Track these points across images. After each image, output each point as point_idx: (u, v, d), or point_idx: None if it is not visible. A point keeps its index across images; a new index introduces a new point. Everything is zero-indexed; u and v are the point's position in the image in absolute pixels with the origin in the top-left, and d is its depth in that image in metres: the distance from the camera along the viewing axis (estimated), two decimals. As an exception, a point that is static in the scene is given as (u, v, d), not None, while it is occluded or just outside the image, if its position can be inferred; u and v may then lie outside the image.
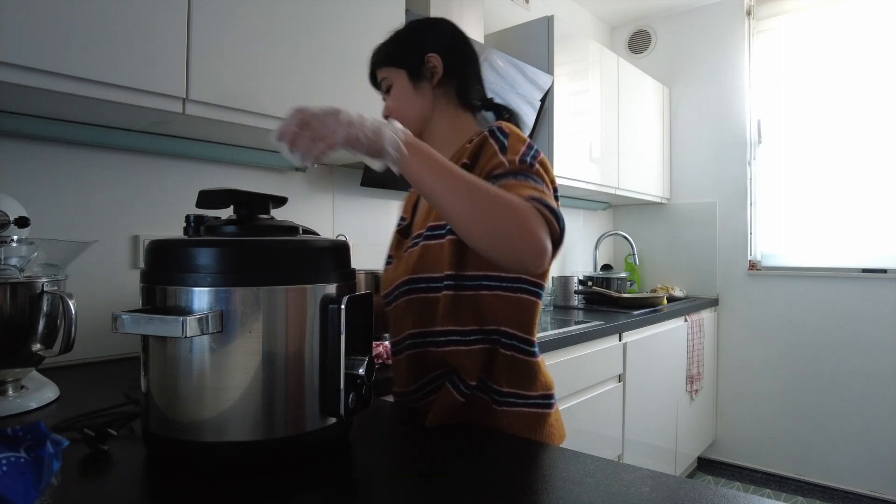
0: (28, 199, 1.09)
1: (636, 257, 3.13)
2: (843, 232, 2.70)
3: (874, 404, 2.57)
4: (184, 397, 0.64)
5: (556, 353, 1.67)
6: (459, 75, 0.97)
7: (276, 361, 0.65)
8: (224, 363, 0.63)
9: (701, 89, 3.10)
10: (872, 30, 2.63)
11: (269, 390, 0.64)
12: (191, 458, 0.64)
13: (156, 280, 0.66)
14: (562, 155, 2.28)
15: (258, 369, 0.64)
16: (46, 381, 0.96)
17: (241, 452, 0.63)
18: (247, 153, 1.53)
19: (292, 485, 0.61)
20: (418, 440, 0.80)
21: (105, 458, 0.67)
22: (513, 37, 2.32)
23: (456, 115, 0.98)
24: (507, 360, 0.87)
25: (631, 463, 2.01)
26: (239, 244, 0.66)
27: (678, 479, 0.63)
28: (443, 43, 0.96)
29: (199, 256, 0.64)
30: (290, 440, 0.65)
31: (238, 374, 0.63)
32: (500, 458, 0.74)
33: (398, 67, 0.96)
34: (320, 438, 0.68)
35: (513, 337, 0.87)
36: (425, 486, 0.63)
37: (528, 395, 0.88)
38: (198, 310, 0.62)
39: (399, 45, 0.98)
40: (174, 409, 0.64)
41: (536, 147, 0.86)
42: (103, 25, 0.98)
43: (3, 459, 0.49)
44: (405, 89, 0.96)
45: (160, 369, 0.65)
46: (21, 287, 0.86)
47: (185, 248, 0.65)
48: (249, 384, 0.64)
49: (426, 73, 0.95)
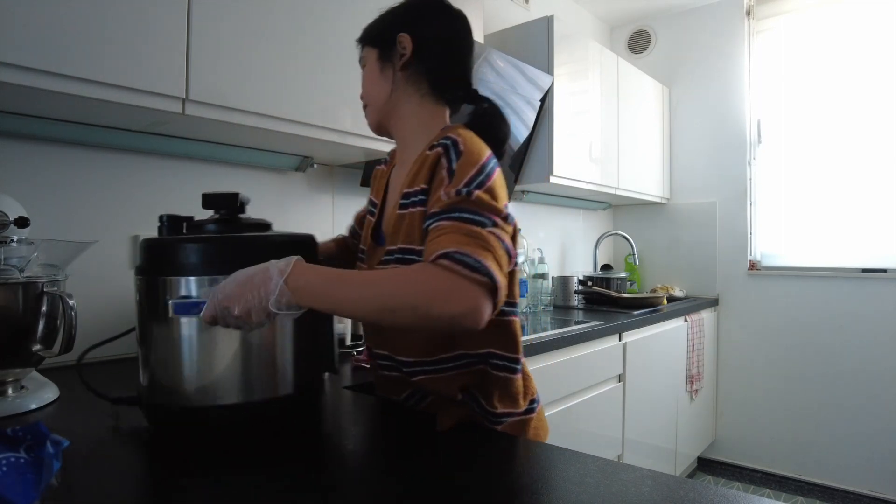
0: (28, 199, 1.09)
1: (636, 257, 3.13)
2: (843, 232, 2.70)
3: (874, 404, 2.57)
4: (179, 370, 0.76)
5: (556, 353, 1.67)
6: (432, 60, 0.88)
7: (252, 338, 0.77)
8: (211, 341, 0.75)
9: (701, 89, 3.10)
10: (872, 30, 2.63)
11: (246, 362, 0.77)
12: (186, 420, 0.76)
13: (152, 272, 0.77)
14: (562, 155, 2.28)
15: (238, 346, 0.76)
16: (46, 382, 0.96)
17: (226, 413, 0.76)
18: (246, 153, 1.53)
19: (272, 444, 0.73)
20: (415, 439, 0.80)
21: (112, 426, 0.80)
22: (513, 37, 2.31)
23: (422, 106, 0.89)
24: (500, 381, 0.86)
25: (631, 463, 2.01)
26: (226, 240, 0.79)
27: (678, 479, 0.63)
28: (422, 23, 0.88)
29: (192, 252, 0.76)
30: (266, 403, 0.78)
31: (222, 350, 0.76)
32: (500, 457, 0.74)
33: (372, 46, 0.91)
34: (290, 402, 0.80)
35: (502, 358, 0.86)
36: (424, 486, 0.63)
37: (517, 410, 0.88)
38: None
39: (379, 22, 0.92)
40: (172, 381, 0.76)
41: (491, 164, 0.78)
42: (103, 25, 0.98)
43: (3, 459, 0.49)
44: (372, 70, 0.91)
45: (159, 348, 0.78)
46: (21, 287, 0.86)
47: (180, 244, 0.77)
48: (231, 358, 0.76)
49: (395, 54, 0.88)
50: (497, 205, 0.74)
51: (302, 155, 1.65)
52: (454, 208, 0.73)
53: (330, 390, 1.09)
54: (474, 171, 0.76)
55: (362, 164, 1.78)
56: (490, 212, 0.73)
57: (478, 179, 0.75)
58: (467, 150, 0.78)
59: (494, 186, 0.76)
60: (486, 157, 0.79)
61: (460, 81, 0.91)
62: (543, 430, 0.93)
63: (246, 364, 0.77)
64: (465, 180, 0.75)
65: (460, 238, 0.69)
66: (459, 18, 0.92)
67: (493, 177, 0.77)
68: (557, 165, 2.25)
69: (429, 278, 0.68)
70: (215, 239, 0.80)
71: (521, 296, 2.27)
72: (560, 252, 2.99)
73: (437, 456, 0.74)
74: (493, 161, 0.80)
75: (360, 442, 0.83)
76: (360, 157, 1.69)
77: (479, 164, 0.77)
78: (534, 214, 2.77)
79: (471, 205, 0.73)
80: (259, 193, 1.62)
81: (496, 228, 0.72)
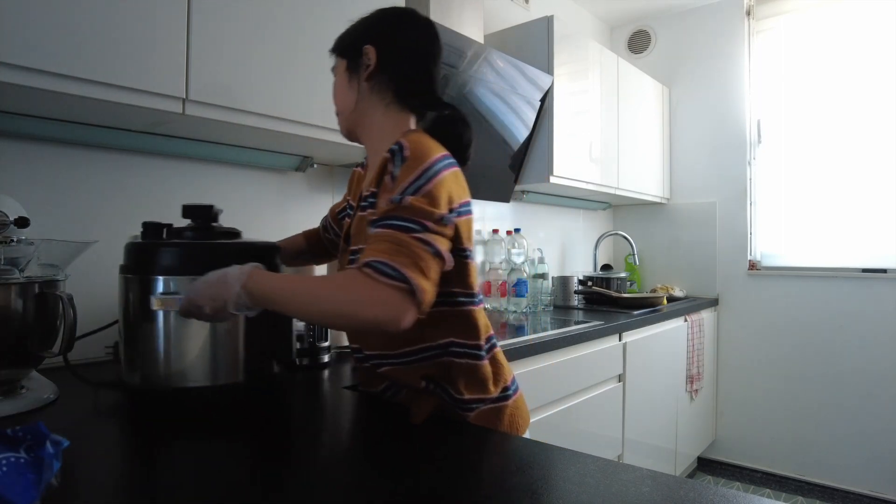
0: (28, 199, 1.09)
1: (636, 257, 3.13)
2: (843, 232, 2.70)
3: (874, 404, 2.57)
4: (157, 357, 0.88)
5: (556, 353, 1.67)
6: (397, 71, 0.91)
7: (219, 329, 0.88)
8: (184, 331, 0.87)
9: (701, 89, 3.10)
10: (872, 30, 2.63)
11: (214, 350, 0.89)
12: (163, 400, 0.89)
13: (138, 272, 0.90)
14: (562, 155, 2.28)
15: (207, 336, 0.88)
16: (46, 382, 0.96)
17: (196, 394, 0.88)
18: (246, 153, 1.53)
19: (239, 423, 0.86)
20: (412, 438, 0.80)
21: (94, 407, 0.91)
22: (513, 37, 2.32)
23: (387, 115, 0.92)
24: (464, 368, 0.87)
25: (631, 463, 2.01)
26: (200, 246, 0.92)
27: (678, 479, 0.63)
28: (386, 34, 0.91)
29: (168, 254, 0.89)
30: (230, 386, 0.90)
31: (194, 339, 0.88)
32: (500, 457, 0.74)
33: (341, 56, 0.95)
34: (251, 385, 0.93)
35: (462, 346, 0.87)
36: (422, 485, 0.63)
37: (488, 397, 0.89)
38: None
39: (348, 33, 0.96)
40: (150, 366, 0.89)
41: (437, 167, 0.79)
42: (103, 26, 0.98)
43: (3, 459, 0.49)
44: (340, 80, 0.95)
45: (139, 337, 0.90)
46: (21, 287, 0.86)
47: (161, 248, 0.90)
48: (201, 346, 0.88)
49: (361, 65, 0.91)
50: (430, 209, 0.76)
51: (302, 155, 1.65)
52: (387, 216, 0.77)
53: (330, 390, 1.09)
54: (413, 176, 0.78)
55: (362, 164, 1.78)
56: (422, 217, 0.76)
57: (415, 185, 0.77)
58: (411, 155, 0.80)
59: (434, 189, 0.78)
60: (431, 161, 0.80)
61: (424, 91, 0.93)
62: (522, 418, 0.93)
63: (211, 352, 0.89)
64: (401, 187, 0.78)
65: (386, 246, 0.74)
66: (425, 28, 0.94)
67: (434, 179, 0.78)
68: (557, 165, 2.25)
69: (353, 286, 0.74)
70: (188, 244, 0.93)
71: (520, 295, 2.28)
72: (560, 252, 2.99)
73: (431, 454, 0.74)
74: (440, 163, 0.80)
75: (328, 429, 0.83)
76: (360, 158, 1.69)
77: (420, 168, 0.78)
78: (534, 214, 2.77)
79: (403, 211, 0.76)
80: (259, 193, 1.62)
81: (426, 233, 0.75)
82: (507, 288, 2.31)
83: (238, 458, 0.74)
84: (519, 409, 0.93)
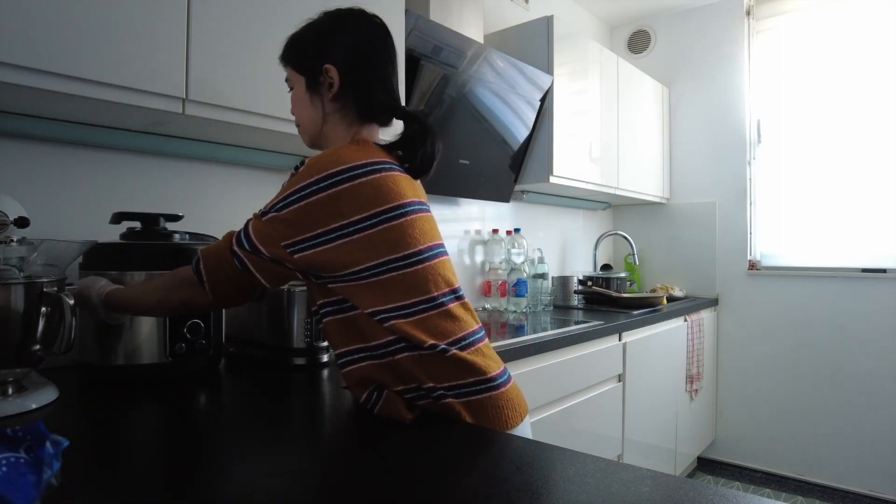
0: (28, 199, 1.09)
1: (636, 257, 3.13)
2: (843, 232, 2.70)
3: (874, 404, 2.57)
4: (116, 337, 1.06)
5: (555, 353, 1.67)
6: (360, 89, 0.92)
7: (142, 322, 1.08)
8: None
9: (700, 89, 3.11)
10: (872, 30, 2.63)
11: (161, 333, 1.08)
12: (114, 376, 1.07)
13: (98, 268, 1.07)
14: (561, 155, 2.28)
15: (153, 320, 1.07)
16: (46, 382, 0.96)
17: (144, 371, 1.07)
18: (246, 153, 1.53)
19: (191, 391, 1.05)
20: (411, 437, 0.80)
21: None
22: (512, 37, 2.32)
23: (349, 130, 0.93)
24: (418, 359, 0.84)
25: (631, 463, 2.01)
26: (138, 246, 1.12)
27: (678, 479, 0.63)
28: (345, 52, 0.91)
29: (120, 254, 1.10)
30: (169, 365, 1.09)
31: (145, 322, 1.07)
32: (500, 457, 0.74)
33: (298, 73, 0.95)
34: (188, 365, 1.12)
35: (409, 340, 0.83)
36: (422, 485, 0.63)
37: (461, 383, 0.85)
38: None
39: (302, 47, 0.94)
40: (109, 345, 1.06)
41: (314, 187, 0.80)
42: (103, 26, 0.98)
43: (3, 459, 0.49)
44: (301, 96, 0.95)
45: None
46: (21, 287, 0.86)
47: (116, 248, 1.11)
48: (149, 329, 1.07)
49: (323, 84, 0.91)
50: (266, 238, 0.82)
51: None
52: (245, 224, 0.86)
53: (330, 390, 1.09)
54: (286, 193, 0.82)
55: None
56: (258, 240, 0.83)
57: (278, 210, 0.82)
58: (303, 171, 0.83)
59: (298, 212, 0.81)
60: (315, 178, 0.81)
61: (391, 105, 0.94)
62: (517, 411, 0.89)
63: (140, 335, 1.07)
64: (270, 203, 0.84)
65: (213, 248, 0.88)
66: (381, 30, 0.95)
67: (308, 199, 0.80)
68: (557, 165, 2.25)
69: (173, 277, 0.93)
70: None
71: (520, 295, 2.28)
72: (560, 252, 2.99)
73: (430, 453, 0.74)
74: (327, 181, 0.80)
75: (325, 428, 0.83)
76: (359, 157, 1.69)
77: (298, 185, 0.82)
78: (534, 214, 2.77)
79: (250, 226, 0.84)
80: (259, 193, 1.62)
81: (244, 252, 0.83)
82: (507, 288, 2.31)
83: (239, 457, 0.74)
84: (511, 401, 0.89)
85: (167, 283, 0.93)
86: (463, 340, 0.87)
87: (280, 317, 1.24)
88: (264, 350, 1.29)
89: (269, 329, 1.27)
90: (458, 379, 0.84)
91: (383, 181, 0.84)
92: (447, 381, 0.84)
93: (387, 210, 0.83)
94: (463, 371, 0.85)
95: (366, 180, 0.82)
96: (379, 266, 0.83)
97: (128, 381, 1.06)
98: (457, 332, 0.87)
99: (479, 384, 0.86)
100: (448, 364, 0.84)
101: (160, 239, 1.15)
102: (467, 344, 0.88)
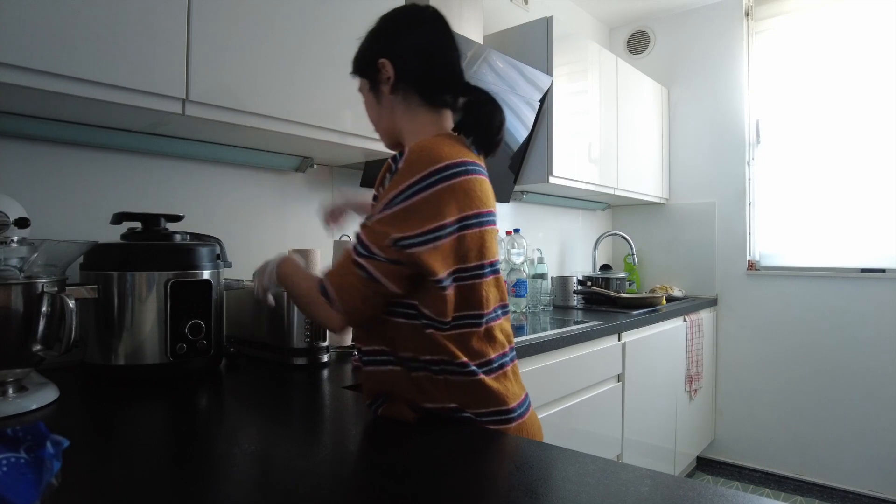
0: (28, 200, 1.09)
1: (635, 257, 3.13)
2: (842, 232, 2.70)
3: (873, 404, 2.57)
4: (117, 337, 1.06)
5: (555, 353, 1.67)
6: (416, 74, 0.90)
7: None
8: (140, 315, 1.07)
9: (700, 90, 3.11)
10: (871, 30, 2.63)
11: (163, 334, 1.08)
12: (115, 376, 1.07)
13: (98, 269, 1.08)
14: (561, 155, 2.28)
15: (154, 320, 1.08)
16: (46, 382, 0.96)
17: (145, 371, 1.07)
18: (246, 153, 1.53)
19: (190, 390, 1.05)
20: (411, 437, 0.80)
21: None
22: (512, 37, 2.32)
23: (416, 118, 0.92)
24: (444, 374, 0.84)
25: (630, 462, 2.01)
26: (139, 247, 1.11)
27: (677, 479, 0.63)
28: (396, 42, 0.92)
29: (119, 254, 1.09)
30: (170, 365, 1.09)
31: (147, 323, 1.07)
32: (500, 457, 0.74)
33: (362, 77, 0.96)
34: (189, 365, 1.12)
35: (443, 353, 0.83)
36: (422, 485, 0.63)
37: (481, 412, 0.85)
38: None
39: (361, 51, 0.96)
40: (110, 345, 1.07)
41: (421, 184, 0.79)
42: (103, 26, 0.98)
43: (3, 460, 0.49)
44: (369, 100, 0.97)
45: (101, 320, 1.07)
46: (21, 288, 0.86)
47: (117, 248, 1.10)
48: (150, 329, 1.07)
49: (382, 80, 0.91)
50: (378, 237, 0.80)
51: (302, 155, 1.65)
52: (357, 237, 0.83)
53: (330, 390, 1.09)
54: (391, 195, 0.81)
55: (362, 164, 1.78)
56: (372, 242, 0.80)
57: (384, 210, 0.81)
58: (400, 171, 0.82)
59: (404, 210, 0.79)
60: (417, 177, 0.79)
61: (448, 83, 0.93)
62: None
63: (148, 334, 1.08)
64: (381, 203, 0.82)
65: (337, 267, 0.84)
66: (432, 21, 0.94)
67: (413, 199, 0.79)
68: (557, 166, 2.25)
69: (312, 296, 0.86)
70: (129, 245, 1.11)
71: (520, 295, 2.28)
72: (559, 252, 2.99)
73: (430, 452, 0.74)
74: (427, 180, 0.79)
75: (326, 428, 0.83)
76: (359, 158, 1.69)
77: (401, 187, 0.80)
78: (533, 215, 2.77)
79: (362, 233, 0.82)
80: (259, 193, 1.63)
81: (367, 259, 0.80)
82: (507, 288, 2.31)
83: (239, 457, 0.74)
84: (525, 432, 0.88)
85: (313, 289, 0.86)
86: (494, 363, 0.87)
87: (280, 317, 1.24)
88: (265, 350, 1.29)
89: (270, 329, 1.27)
90: (478, 406, 0.85)
91: (471, 185, 0.83)
92: (468, 406, 0.85)
93: (469, 217, 0.82)
94: (486, 399, 0.85)
95: (456, 182, 0.81)
96: (450, 275, 0.82)
97: (128, 381, 1.06)
98: (489, 353, 0.87)
99: (498, 415, 0.86)
100: (471, 388, 0.84)
101: (161, 239, 1.15)
102: (497, 366, 0.88)
